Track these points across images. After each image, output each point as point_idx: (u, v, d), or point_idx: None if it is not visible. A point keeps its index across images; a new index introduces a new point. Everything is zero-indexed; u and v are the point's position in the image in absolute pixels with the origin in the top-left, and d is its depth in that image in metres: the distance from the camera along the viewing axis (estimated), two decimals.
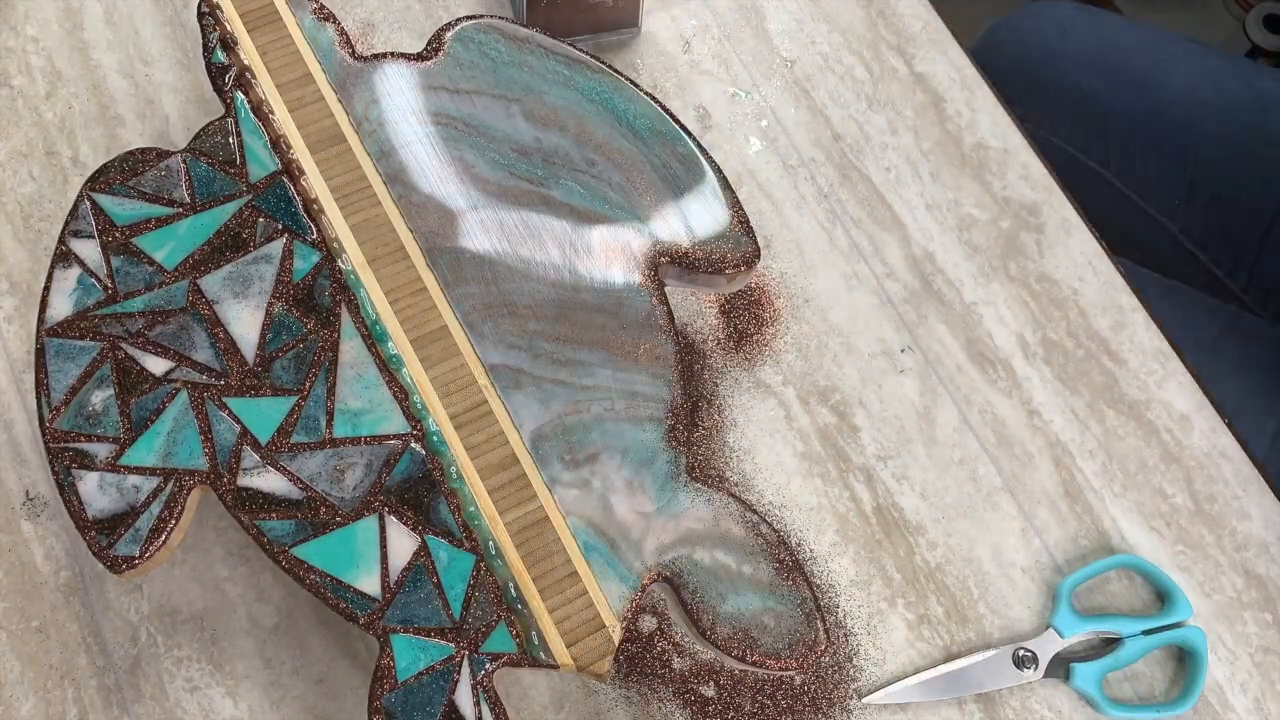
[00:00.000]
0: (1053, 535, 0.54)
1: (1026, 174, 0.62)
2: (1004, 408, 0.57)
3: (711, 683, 0.50)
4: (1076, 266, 0.60)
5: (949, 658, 0.51)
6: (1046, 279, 0.60)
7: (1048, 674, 0.51)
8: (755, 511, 0.47)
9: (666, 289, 0.50)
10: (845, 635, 0.51)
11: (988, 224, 0.61)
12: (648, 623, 0.51)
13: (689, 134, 0.53)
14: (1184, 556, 0.54)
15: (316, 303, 0.48)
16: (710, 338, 0.57)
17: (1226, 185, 0.74)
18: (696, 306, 0.57)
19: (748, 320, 0.57)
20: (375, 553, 0.44)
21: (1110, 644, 0.52)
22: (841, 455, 0.55)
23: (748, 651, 0.44)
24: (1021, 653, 0.51)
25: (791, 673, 0.45)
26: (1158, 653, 0.53)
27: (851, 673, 0.51)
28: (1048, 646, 0.51)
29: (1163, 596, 0.53)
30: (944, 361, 0.57)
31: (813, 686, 0.50)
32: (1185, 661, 0.52)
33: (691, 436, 0.54)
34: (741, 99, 0.63)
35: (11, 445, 0.52)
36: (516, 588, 0.44)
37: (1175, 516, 0.55)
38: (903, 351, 0.57)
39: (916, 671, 0.51)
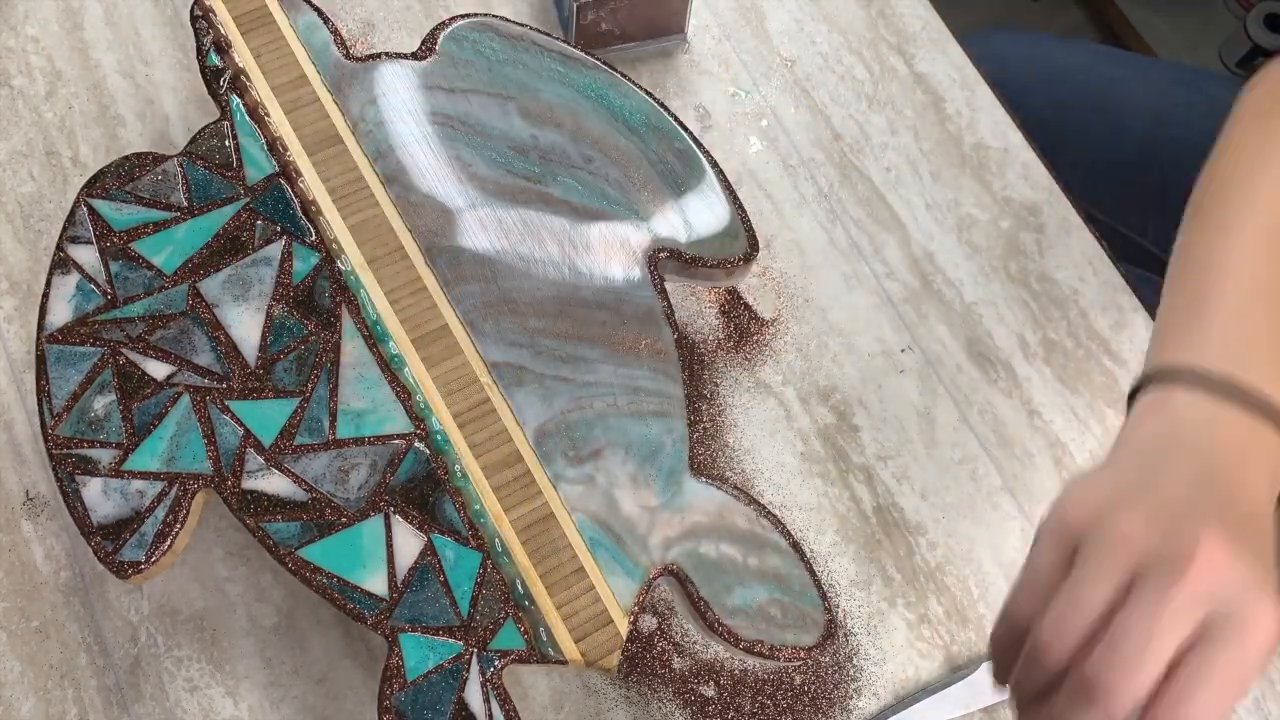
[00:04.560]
0: None
1: (1026, 174, 0.62)
2: (1004, 408, 0.57)
3: (711, 683, 0.50)
4: (1076, 266, 0.60)
5: (949, 659, 0.51)
6: (1046, 279, 0.60)
7: None
8: (759, 503, 0.47)
9: (666, 284, 0.50)
10: (845, 635, 0.52)
11: (988, 224, 0.61)
12: (648, 622, 0.51)
13: (685, 129, 0.53)
14: None
15: (317, 304, 0.48)
16: (710, 338, 0.57)
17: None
18: (697, 306, 0.57)
19: (748, 320, 0.57)
20: (382, 552, 0.44)
21: None
22: (841, 455, 0.55)
23: (756, 643, 0.44)
24: None
25: (799, 661, 0.45)
26: None
27: (851, 673, 0.51)
28: None
29: None
30: (944, 361, 0.57)
31: (813, 686, 0.50)
32: None
33: (693, 433, 0.54)
34: (741, 99, 0.63)
35: (11, 445, 0.52)
36: (524, 585, 0.44)
37: None
38: (903, 351, 0.57)
39: (914, 692, 0.51)
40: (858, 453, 0.55)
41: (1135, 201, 0.73)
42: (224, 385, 0.46)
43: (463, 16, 0.54)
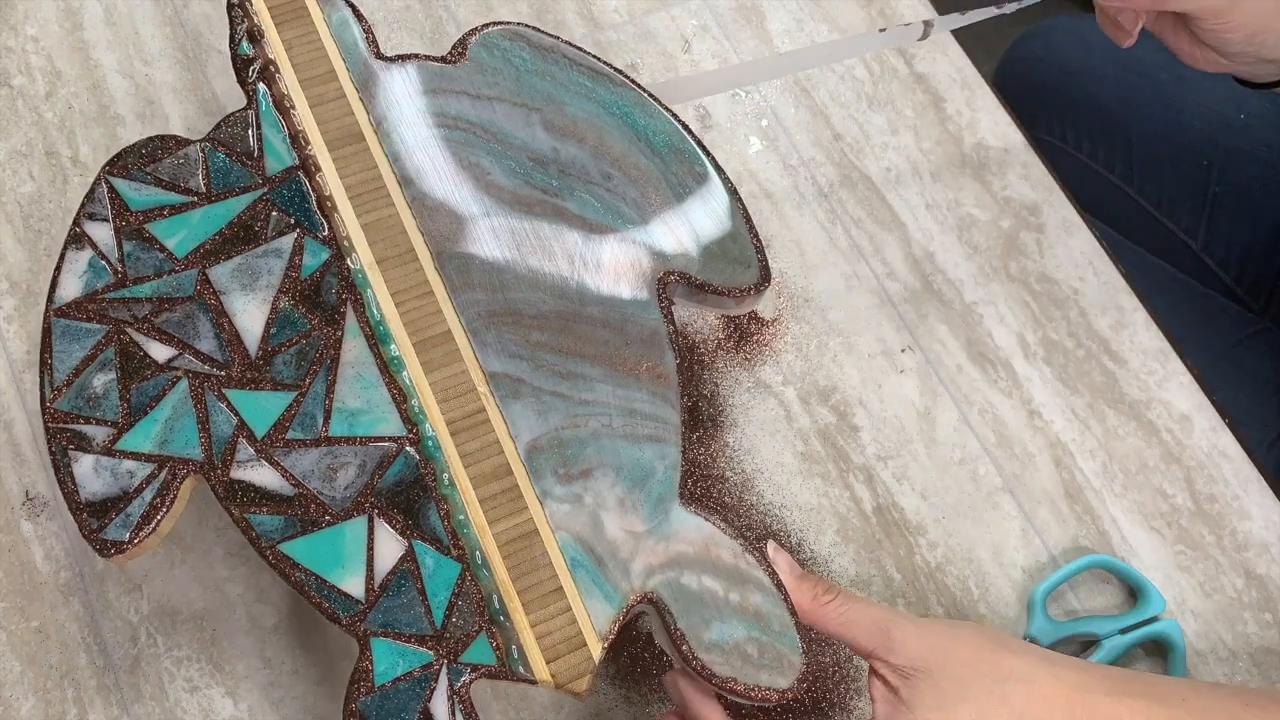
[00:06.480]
0: (1053, 535, 0.54)
1: (1026, 174, 0.62)
2: (1004, 408, 0.57)
3: None
4: (1077, 266, 0.60)
5: None
6: (1047, 279, 0.60)
7: None
8: (746, 538, 0.46)
9: (674, 306, 0.50)
10: None
11: (988, 224, 0.61)
12: (648, 623, 0.51)
13: (707, 153, 0.52)
14: (1184, 556, 0.54)
15: (322, 300, 0.48)
16: (710, 337, 0.57)
17: (1247, 204, 0.74)
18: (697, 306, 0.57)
19: (748, 320, 0.57)
20: (362, 554, 0.44)
21: (1088, 646, 0.52)
22: (841, 455, 0.55)
23: (729, 680, 0.43)
24: None
25: (771, 704, 0.45)
26: (1137, 650, 0.53)
27: (852, 673, 0.51)
28: None
29: (1135, 593, 0.53)
30: (944, 361, 0.57)
31: (813, 687, 0.50)
32: (1164, 656, 0.52)
33: (688, 457, 0.54)
34: (742, 98, 0.63)
35: (11, 445, 0.52)
36: (500, 600, 0.43)
37: (1176, 516, 0.55)
38: (903, 351, 0.57)
39: None
40: (858, 453, 0.55)
41: (1189, 203, 0.72)
42: (223, 373, 0.46)
43: (495, 24, 0.53)
